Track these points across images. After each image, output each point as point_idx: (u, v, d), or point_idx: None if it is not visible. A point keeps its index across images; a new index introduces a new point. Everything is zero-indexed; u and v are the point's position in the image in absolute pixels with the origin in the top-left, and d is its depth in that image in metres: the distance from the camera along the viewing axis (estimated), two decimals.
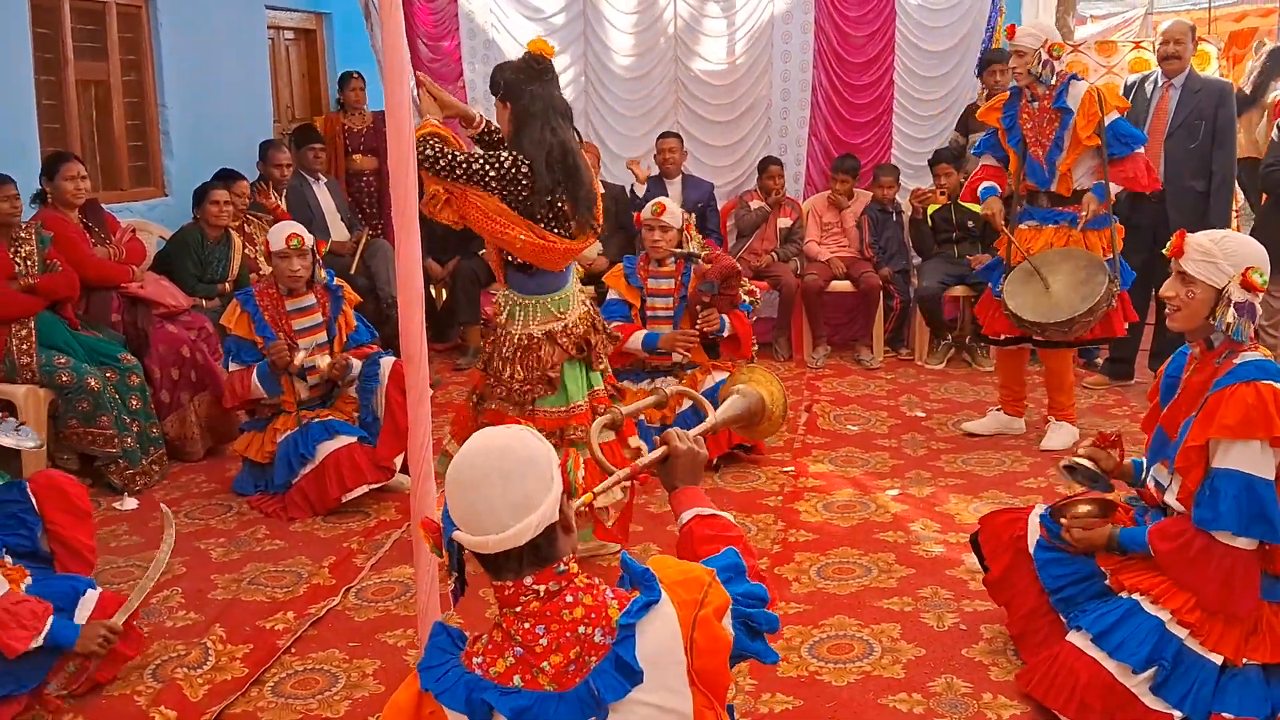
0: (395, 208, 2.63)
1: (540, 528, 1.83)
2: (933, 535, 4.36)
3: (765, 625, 2.04)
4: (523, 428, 1.95)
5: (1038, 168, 5.22)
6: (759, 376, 2.74)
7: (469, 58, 8.22)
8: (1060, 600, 3.21)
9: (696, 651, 1.88)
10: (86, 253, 5.31)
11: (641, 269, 5.44)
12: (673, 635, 1.87)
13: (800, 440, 5.61)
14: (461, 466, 1.86)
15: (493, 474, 1.83)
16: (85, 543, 3.63)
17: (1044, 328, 4.93)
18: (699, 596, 1.92)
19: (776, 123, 7.84)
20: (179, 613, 3.89)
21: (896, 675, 3.31)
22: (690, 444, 2.35)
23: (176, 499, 5.01)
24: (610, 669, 1.82)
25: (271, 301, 4.95)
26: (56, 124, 6.06)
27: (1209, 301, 2.98)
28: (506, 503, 1.82)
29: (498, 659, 1.88)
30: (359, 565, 4.23)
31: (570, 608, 1.87)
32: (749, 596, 2.03)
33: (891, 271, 7.13)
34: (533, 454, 1.87)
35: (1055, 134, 5.11)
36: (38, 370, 4.89)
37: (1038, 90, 5.13)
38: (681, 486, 2.34)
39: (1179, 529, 2.97)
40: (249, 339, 4.89)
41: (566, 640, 1.85)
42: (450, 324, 7.76)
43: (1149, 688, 2.93)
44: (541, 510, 1.83)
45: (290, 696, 3.33)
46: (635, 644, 1.83)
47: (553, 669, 1.85)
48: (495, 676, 1.86)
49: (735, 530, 2.25)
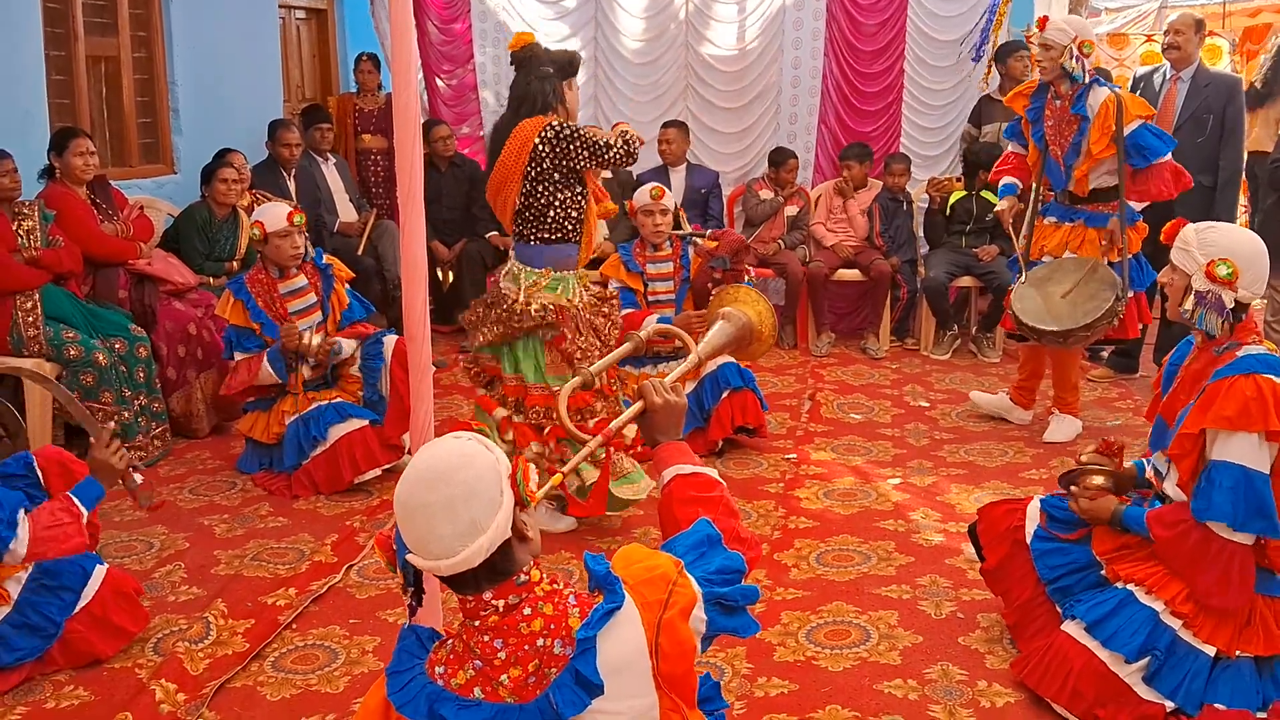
0: (401, 189, 2.64)
1: (492, 548, 1.81)
2: (933, 524, 4.37)
3: (741, 600, 2.01)
4: (471, 438, 1.90)
5: (1055, 168, 5.18)
6: (744, 295, 2.65)
7: (479, 40, 8.23)
8: (1056, 590, 3.23)
9: (662, 655, 1.87)
10: (94, 229, 5.33)
11: (639, 254, 5.45)
12: (637, 641, 1.86)
13: (803, 428, 5.62)
14: (406, 495, 1.82)
15: (434, 503, 1.79)
16: (91, 519, 3.65)
17: (1040, 334, 4.92)
18: (664, 597, 1.89)
19: (786, 110, 7.83)
20: (181, 587, 3.92)
21: (893, 661, 3.33)
22: (667, 395, 2.29)
23: (181, 475, 5.04)
24: (570, 682, 1.81)
25: (263, 287, 4.93)
26: (66, 99, 6.06)
27: (1183, 289, 3.07)
28: (452, 531, 1.79)
29: (459, 670, 1.87)
30: (361, 544, 4.26)
31: (529, 620, 1.85)
32: (723, 571, 2.00)
33: (900, 261, 7.12)
34: (478, 474, 1.82)
35: (1073, 139, 5.04)
36: (45, 343, 4.91)
37: (1062, 88, 5.03)
38: (663, 442, 2.29)
39: (1177, 518, 2.98)
40: (246, 326, 4.89)
41: (525, 653, 1.84)
42: (455, 306, 7.76)
43: (1142, 678, 2.95)
44: (490, 532, 1.80)
45: (290, 671, 3.36)
46: (595, 656, 1.81)
47: (511, 682, 1.84)
48: (456, 688, 1.85)
49: (717, 489, 2.21)
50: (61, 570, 3.34)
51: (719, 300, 2.63)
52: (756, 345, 2.61)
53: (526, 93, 4.18)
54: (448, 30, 8.26)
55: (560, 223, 4.21)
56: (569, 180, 4.19)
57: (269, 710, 3.16)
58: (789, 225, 7.37)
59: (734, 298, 2.62)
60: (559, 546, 4.17)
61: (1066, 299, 4.93)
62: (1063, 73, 4.97)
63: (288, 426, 4.84)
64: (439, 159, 7.59)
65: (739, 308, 2.60)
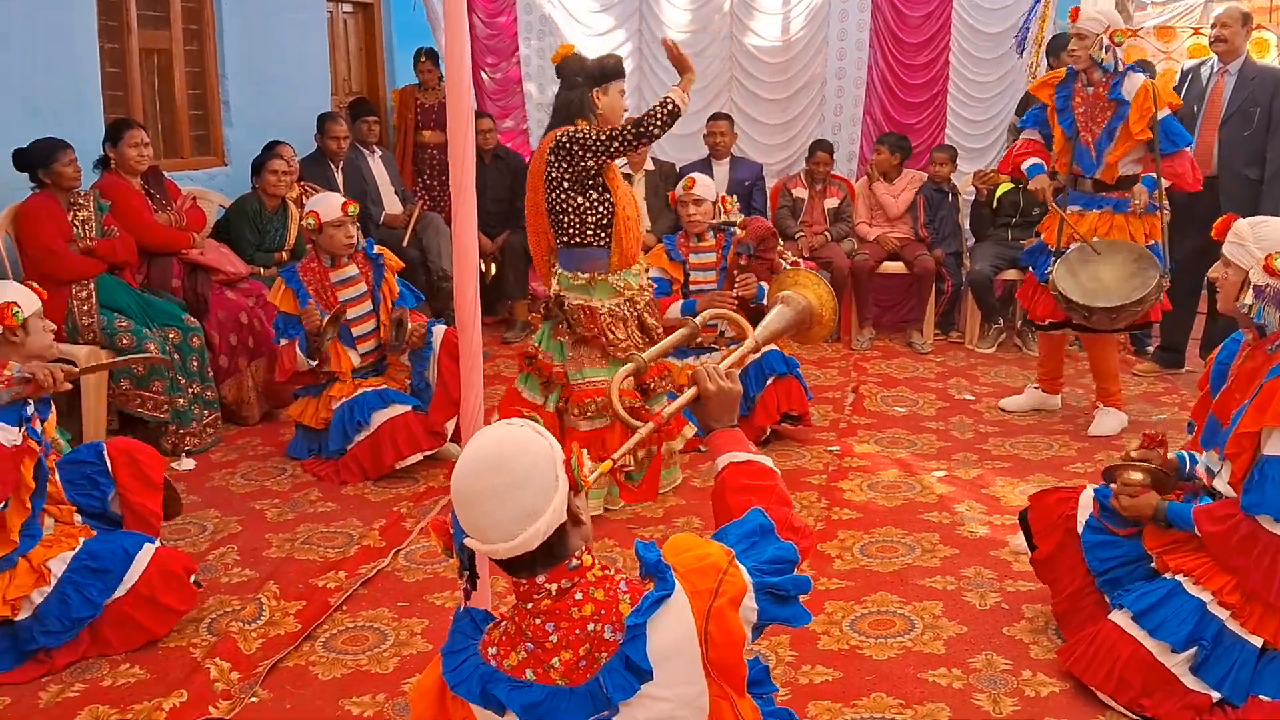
0: (453, 180, 2.67)
1: (548, 532, 1.83)
2: (978, 517, 4.36)
3: (793, 589, 2.01)
4: (524, 424, 1.92)
5: (1085, 154, 5.19)
6: (804, 278, 2.61)
7: (524, 33, 8.28)
8: (1106, 582, 3.22)
9: (711, 643, 1.88)
10: (148, 219, 5.43)
11: (682, 245, 5.48)
12: (686, 628, 1.86)
13: (846, 420, 5.62)
14: (462, 482, 1.85)
15: (491, 490, 1.81)
16: (152, 510, 3.74)
17: (1091, 311, 4.91)
18: (714, 585, 1.90)
19: (831, 101, 7.83)
20: (234, 569, 4.00)
21: (937, 651, 3.33)
22: (721, 382, 2.28)
23: (233, 461, 5.13)
24: (620, 667, 1.83)
25: (315, 275, 5.03)
26: (120, 92, 6.17)
27: (1239, 284, 3.03)
28: (509, 516, 1.81)
29: (511, 652, 1.90)
30: (408, 529, 4.32)
31: (580, 605, 1.87)
32: (775, 561, 2.00)
33: (944, 254, 7.10)
34: (533, 461, 1.84)
35: (1107, 124, 5.08)
36: (99, 331, 5.01)
37: (1094, 76, 5.09)
38: (717, 429, 2.29)
39: (1226, 512, 2.96)
40: (295, 314, 4.97)
41: (576, 637, 1.86)
42: (498, 298, 7.83)
43: (1188, 668, 2.94)
44: (547, 517, 1.82)
45: (341, 651, 3.42)
46: (645, 642, 1.82)
47: (563, 665, 1.86)
48: (509, 669, 1.88)
49: (771, 477, 2.21)
50: (103, 552, 3.41)
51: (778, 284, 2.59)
52: (817, 329, 2.56)
53: (557, 104, 4.45)
54: (493, 24, 8.32)
55: (579, 228, 4.37)
56: (582, 186, 4.33)
57: (320, 689, 3.22)
58: (831, 218, 7.34)
59: (794, 281, 2.58)
60: (602, 535, 4.20)
61: (1111, 277, 4.94)
62: (1093, 62, 5.04)
63: (334, 412, 4.92)
64: (482, 151, 7.64)
65: (799, 290, 2.56)
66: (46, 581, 3.35)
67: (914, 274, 7.11)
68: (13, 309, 3.28)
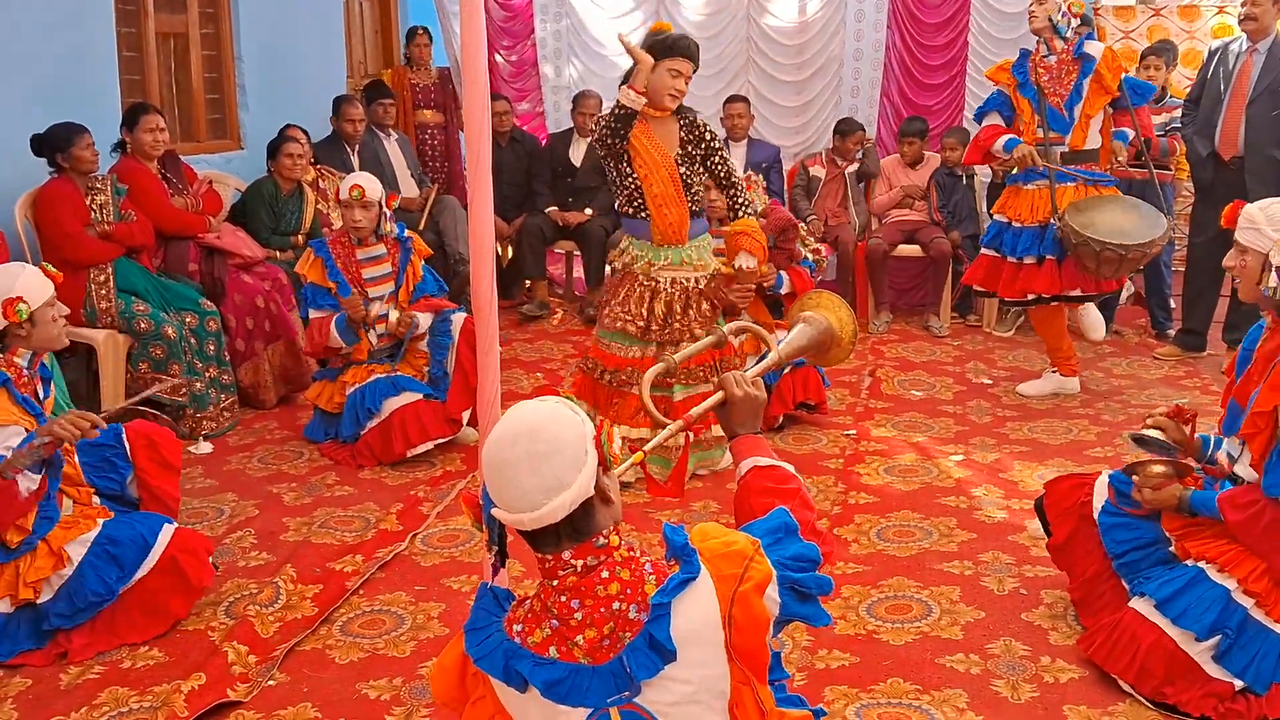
0: (470, 163, 2.65)
1: (574, 504, 1.83)
2: (995, 501, 4.34)
3: (815, 588, 2.01)
4: (558, 401, 1.94)
5: (1057, 115, 5.34)
6: (825, 301, 2.63)
7: (540, 15, 8.28)
8: (1123, 566, 3.20)
9: (735, 627, 1.87)
10: (164, 203, 5.44)
11: None
12: (711, 611, 1.86)
13: (863, 404, 5.59)
14: (493, 449, 1.86)
15: (521, 457, 1.82)
16: (170, 493, 3.76)
17: (1128, 249, 4.98)
18: (739, 571, 1.90)
19: (848, 83, 7.79)
20: (252, 553, 4.01)
21: (955, 636, 3.32)
22: (748, 388, 2.31)
23: (250, 444, 5.15)
24: (644, 646, 1.83)
25: (343, 250, 5.05)
26: (136, 75, 6.17)
27: (1259, 269, 3.00)
28: (537, 484, 1.81)
29: (535, 629, 1.90)
30: (425, 513, 4.32)
31: (606, 583, 1.87)
32: (798, 559, 2.00)
33: (961, 236, 7.05)
34: (562, 432, 1.85)
35: (1075, 83, 5.29)
36: (117, 315, 5.02)
37: (1055, 43, 5.30)
38: (741, 434, 2.31)
39: (1250, 498, 2.93)
40: (324, 285, 4.98)
41: (600, 616, 1.86)
42: (515, 281, 7.83)
43: (1211, 656, 2.91)
44: (574, 489, 1.82)
45: (358, 635, 3.43)
46: (670, 622, 1.83)
47: (586, 643, 1.86)
48: (533, 646, 1.89)
49: (794, 482, 2.22)
50: (122, 536, 3.41)
51: (800, 305, 2.62)
52: (836, 351, 2.60)
53: None
54: (508, 5, 8.30)
55: (617, 195, 4.57)
56: (613, 158, 4.47)
57: (337, 672, 3.23)
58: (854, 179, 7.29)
59: (816, 302, 2.61)
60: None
61: (1123, 220, 5.09)
62: (1050, 25, 5.28)
63: (347, 397, 4.93)
64: (498, 134, 7.62)
65: (820, 312, 2.59)
66: (65, 564, 3.36)
67: (930, 257, 7.06)
68: (17, 306, 3.26)
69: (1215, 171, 5.90)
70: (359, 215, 4.98)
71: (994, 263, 5.48)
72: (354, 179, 5.05)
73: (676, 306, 4.49)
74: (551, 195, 7.61)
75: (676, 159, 4.45)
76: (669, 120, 4.49)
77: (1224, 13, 8.24)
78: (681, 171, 4.44)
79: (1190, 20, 8.36)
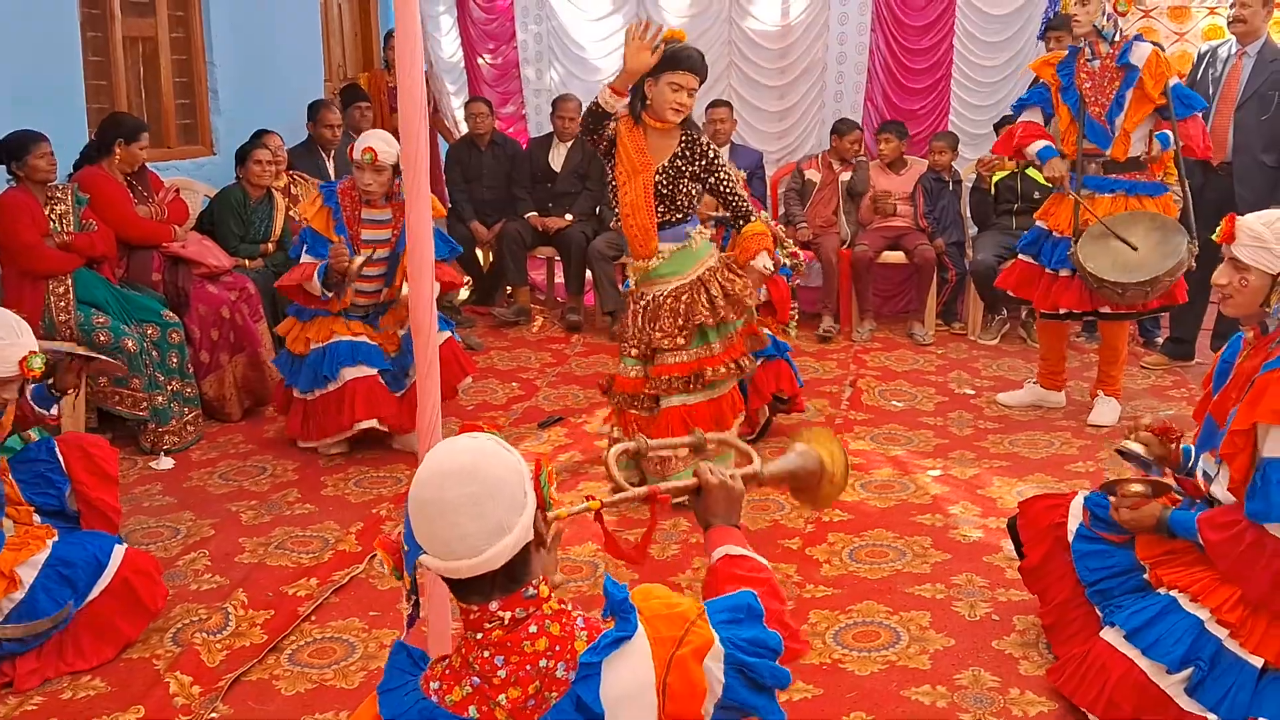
0: (406, 175, 2.55)
1: (516, 549, 1.73)
2: (972, 519, 4.23)
3: (769, 678, 1.87)
4: (489, 438, 1.82)
5: (1098, 127, 5.06)
6: (819, 435, 2.50)
7: (521, 17, 8.18)
8: (1096, 593, 3.09)
9: (670, 695, 1.76)
10: (128, 212, 5.32)
11: None
12: (645, 675, 1.76)
13: (842, 415, 5.48)
14: (428, 491, 1.73)
15: (463, 500, 1.70)
16: (110, 504, 3.65)
17: (1126, 288, 4.76)
18: (679, 635, 1.79)
19: (832, 87, 7.67)
20: (204, 576, 3.89)
21: (922, 666, 3.21)
22: (722, 478, 2.17)
23: (212, 459, 5.03)
24: (569, 709, 1.71)
25: (351, 203, 4.95)
26: (104, 81, 6.06)
27: (1263, 288, 2.87)
28: (480, 529, 1.70)
29: (455, 686, 1.77)
30: (386, 532, 4.21)
31: (534, 639, 1.75)
32: (755, 643, 1.87)
33: (946, 243, 6.93)
34: (502, 472, 1.74)
35: (1117, 93, 4.99)
36: (76, 328, 4.91)
37: (1100, 47, 5.00)
38: (715, 525, 2.17)
39: (1230, 519, 2.81)
40: (324, 235, 4.88)
41: (526, 674, 1.74)
42: (496, 287, 7.71)
43: (1184, 689, 2.79)
44: (516, 533, 1.72)
45: (307, 665, 3.32)
46: (599, 683, 1.72)
47: (510, 703, 1.74)
48: (451, 706, 1.76)
49: (765, 572, 2.10)
50: (75, 558, 3.32)
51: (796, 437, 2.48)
52: (828, 487, 2.43)
53: None
54: (489, 7, 8.19)
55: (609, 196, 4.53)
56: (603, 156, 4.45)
57: (282, 705, 3.12)
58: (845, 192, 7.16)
59: (810, 437, 2.48)
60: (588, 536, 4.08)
61: (1139, 249, 4.81)
62: (1095, 30, 4.96)
63: (310, 353, 4.87)
64: (478, 138, 7.51)
65: (814, 446, 2.43)
66: (18, 587, 3.25)
67: (914, 264, 6.95)
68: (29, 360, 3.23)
69: (1203, 176, 5.79)
70: (369, 179, 4.86)
71: (1030, 270, 5.27)
72: (367, 138, 4.92)
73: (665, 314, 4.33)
74: (531, 200, 7.50)
75: (660, 170, 4.28)
76: (671, 133, 4.31)
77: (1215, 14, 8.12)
78: (658, 182, 4.28)
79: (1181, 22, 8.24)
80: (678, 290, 4.33)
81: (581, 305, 7.35)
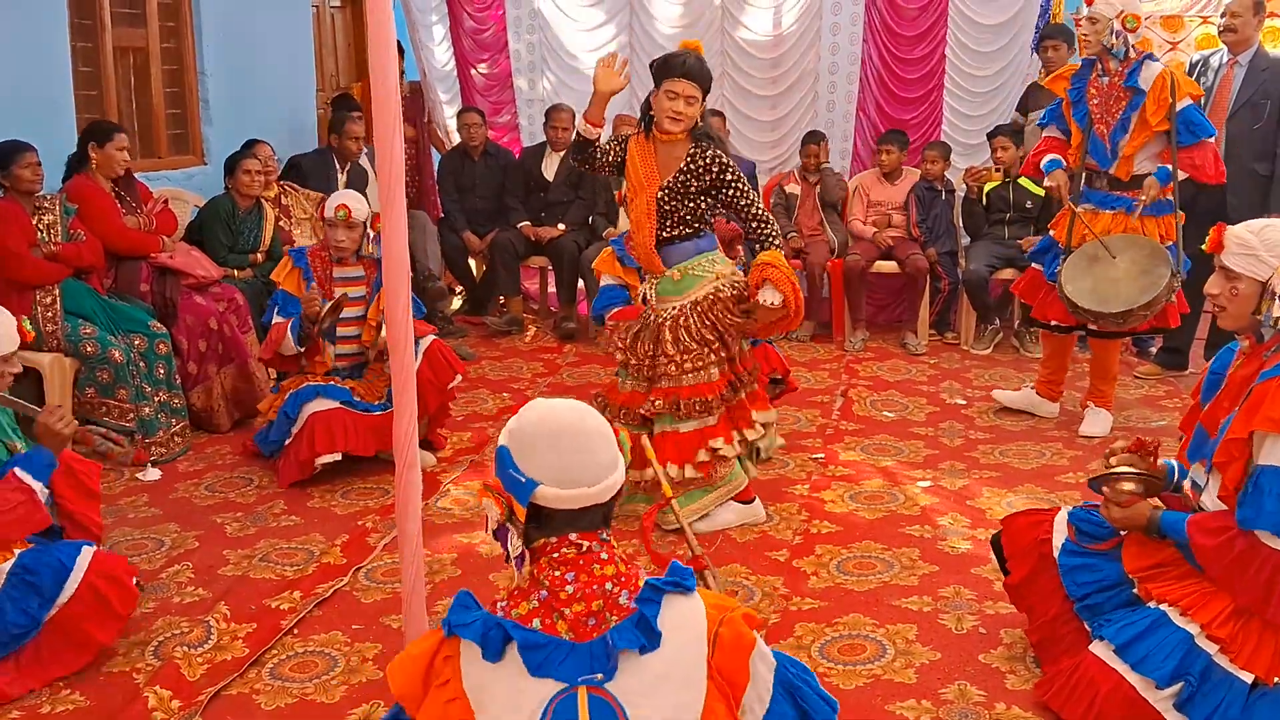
0: (381, 186, 2.54)
1: (617, 488, 1.90)
2: (961, 531, 4.20)
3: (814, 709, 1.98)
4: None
5: (1100, 146, 5.04)
6: None
7: (514, 27, 8.16)
8: (1085, 608, 3.06)
9: (719, 645, 1.87)
10: (116, 222, 5.30)
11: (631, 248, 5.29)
12: (698, 623, 1.87)
13: (833, 426, 5.46)
14: (566, 419, 1.89)
15: (597, 428, 1.89)
16: (93, 519, 3.60)
17: (1099, 317, 4.75)
18: (730, 605, 1.94)
19: (824, 97, 7.66)
20: (187, 588, 3.86)
21: (908, 680, 3.17)
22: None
23: (199, 471, 5.00)
24: (630, 625, 1.83)
25: (321, 264, 4.95)
26: (94, 91, 6.04)
27: (1254, 296, 2.85)
28: (607, 458, 1.89)
29: (522, 601, 1.88)
30: (371, 545, 4.18)
31: (603, 564, 1.88)
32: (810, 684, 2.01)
33: (938, 252, 6.91)
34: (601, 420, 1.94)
35: (1122, 114, 4.93)
36: (63, 338, 4.88)
37: (1109, 64, 4.95)
38: None
39: (1221, 524, 2.78)
40: (296, 295, 4.86)
41: (592, 592, 1.86)
42: (488, 297, 7.69)
43: (1173, 704, 2.77)
44: (619, 470, 1.91)
45: (287, 679, 3.28)
46: (660, 610, 1.84)
47: (573, 616, 1.84)
48: (517, 617, 1.86)
49: None
50: (38, 564, 3.27)
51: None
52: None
53: None
54: (481, 18, 8.18)
55: None
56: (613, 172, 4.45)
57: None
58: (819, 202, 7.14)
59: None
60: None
61: (1121, 278, 4.78)
62: (1104, 49, 4.89)
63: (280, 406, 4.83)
64: (471, 148, 7.50)
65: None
66: None
67: (906, 273, 6.93)
68: None
69: (1195, 186, 5.76)
70: (342, 235, 4.87)
71: (1037, 278, 5.27)
72: (339, 198, 4.94)
73: (666, 335, 4.22)
74: (524, 210, 7.48)
75: (664, 186, 4.18)
76: (678, 144, 4.18)
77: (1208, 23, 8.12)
78: (660, 197, 4.18)
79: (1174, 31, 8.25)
80: (679, 311, 4.24)
81: (575, 314, 7.33)
